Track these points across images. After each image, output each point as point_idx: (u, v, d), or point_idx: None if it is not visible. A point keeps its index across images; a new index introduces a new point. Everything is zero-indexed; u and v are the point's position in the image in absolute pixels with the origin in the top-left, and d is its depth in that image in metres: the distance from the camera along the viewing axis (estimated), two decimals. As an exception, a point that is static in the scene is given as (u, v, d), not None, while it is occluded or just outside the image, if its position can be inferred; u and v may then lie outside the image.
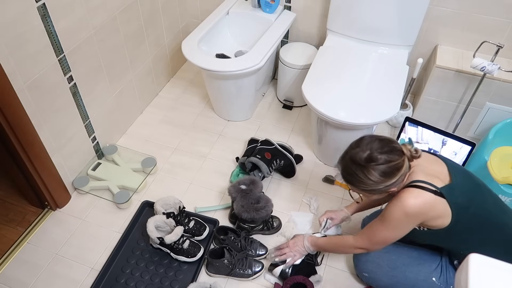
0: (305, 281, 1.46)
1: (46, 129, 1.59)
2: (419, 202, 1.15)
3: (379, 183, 1.14)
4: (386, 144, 1.15)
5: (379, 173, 1.13)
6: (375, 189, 1.16)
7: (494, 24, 1.87)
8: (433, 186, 1.16)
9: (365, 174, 1.14)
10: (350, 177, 1.19)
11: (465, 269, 0.82)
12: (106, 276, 1.56)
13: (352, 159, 1.17)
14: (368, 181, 1.15)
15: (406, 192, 1.17)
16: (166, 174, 1.95)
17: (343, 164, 1.21)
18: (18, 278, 1.56)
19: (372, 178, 1.14)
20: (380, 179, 1.14)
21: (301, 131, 2.18)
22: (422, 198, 1.15)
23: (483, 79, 1.80)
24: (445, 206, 1.16)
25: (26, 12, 1.35)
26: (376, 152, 1.14)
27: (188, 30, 2.31)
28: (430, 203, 1.15)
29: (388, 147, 1.15)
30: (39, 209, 1.78)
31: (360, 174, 1.15)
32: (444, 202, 1.15)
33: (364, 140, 1.18)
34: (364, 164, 1.14)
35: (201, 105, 2.32)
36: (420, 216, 1.17)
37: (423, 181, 1.16)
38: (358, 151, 1.16)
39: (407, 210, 1.16)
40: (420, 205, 1.15)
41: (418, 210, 1.15)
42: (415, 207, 1.15)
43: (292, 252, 1.54)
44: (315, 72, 1.84)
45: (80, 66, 1.67)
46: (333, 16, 2.00)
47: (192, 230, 1.66)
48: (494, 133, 1.84)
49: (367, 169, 1.14)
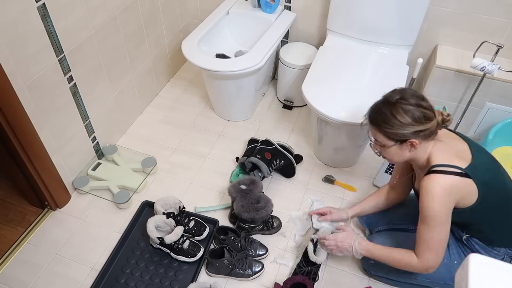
0: (305, 281, 1.46)
1: (46, 129, 1.59)
2: (444, 186, 1.14)
3: (405, 125, 1.14)
4: (420, 94, 1.17)
5: (407, 114, 1.13)
6: (399, 132, 1.15)
7: (494, 24, 1.87)
8: (456, 167, 1.15)
9: (392, 113, 1.15)
10: (377, 116, 1.19)
11: (465, 269, 0.82)
12: (106, 276, 1.56)
13: (383, 100, 1.19)
14: (394, 121, 1.15)
15: (428, 180, 1.16)
16: (166, 174, 1.95)
17: (374, 105, 1.22)
18: (18, 278, 1.56)
19: (399, 118, 1.14)
20: (407, 121, 1.14)
21: (301, 131, 2.18)
22: (446, 182, 1.14)
23: (483, 79, 1.80)
24: (471, 185, 1.16)
25: (26, 12, 1.35)
26: (409, 94, 1.16)
27: (188, 30, 2.31)
28: (456, 185, 1.15)
29: (421, 95, 1.17)
30: (39, 209, 1.78)
31: (388, 112, 1.16)
32: (470, 181, 1.15)
33: (398, 88, 1.20)
34: (394, 103, 1.15)
35: (201, 105, 2.32)
36: (453, 197, 1.16)
37: (444, 164, 1.16)
38: (391, 94, 1.18)
39: (439, 198, 1.14)
40: (446, 189, 1.14)
41: (448, 193, 1.15)
42: (444, 192, 1.14)
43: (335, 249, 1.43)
44: (315, 72, 1.84)
45: (80, 66, 1.67)
46: (333, 16, 2.00)
47: (192, 230, 1.66)
48: (494, 133, 1.84)
49: (396, 107, 1.14)
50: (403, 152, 1.21)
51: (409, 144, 1.18)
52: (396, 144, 1.19)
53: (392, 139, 1.19)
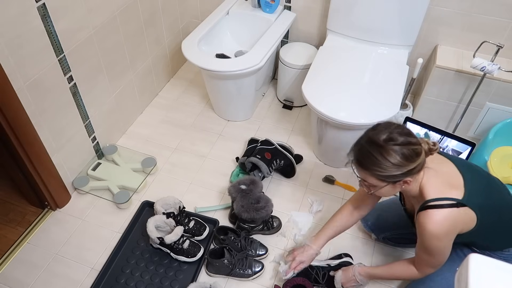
0: (305, 282, 1.46)
1: (46, 129, 1.59)
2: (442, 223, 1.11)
3: (397, 166, 1.07)
4: (405, 128, 1.12)
5: (399, 155, 1.06)
6: (391, 174, 1.09)
7: (494, 24, 1.87)
8: (451, 200, 1.12)
9: (383, 155, 1.07)
10: (366, 159, 1.11)
11: (465, 269, 0.82)
12: (106, 276, 1.56)
13: (370, 140, 1.10)
14: (386, 164, 1.07)
15: (426, 217, 1.13)
16: (166, 174, 1.95)
17: (359, 146, 1.13)
18: (18, 278, 1.56)
19: (391, 160, 1.06)
20: (399, 162, 1.07)
21: (301, 131, 2.18)
22: (445, 218, 1.11)
23: (483, 79, 1.80)
24: (469, 213, 1.13)
25: (26, 12, 1.35)
26: (396, 133, 1.08)
27: (188, 30, 2.31)
28: (455, 219, 1.12)
29: (407, 130, 1.11)
30: (39, 209, 1.78)
31: (378, 155, 1.07)
32: (468, 209, 1.13)
33: (381, 125, 1.13)
34: (383, 144, 1.07)
35: (201, 105, 2.32)
36: (453, 231, 1.14)
37: (439, 198, 1.12)
38: (376, 133, 1.10)
39: (436, 234, 1.12)
40: (445, 225, 1.12)
41: (445, 230, 1.12)
42: (442, 229, 1.12)
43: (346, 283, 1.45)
44: (315, 72, 1.84)
45: (80, 66, 1.67)
46: (333, 16, 2.00)
47: (192, 230, 1.66)
48: (494, 133, 1.84)
49: (386, 149, 1.07)
50: (395, 189, 1.17)
51: (403, 182, 1.13)
52: (388, 184, 1.13)
53: (384, 181, 1.12)
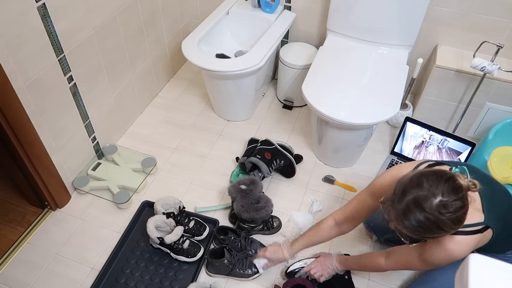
0: (305, 282, 1.46)
1: (46, 129, 1.59)
2: (468, 248, 1.08)
3: (449, 231, 1.00)
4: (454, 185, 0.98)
5: (453, 222, 0.98)
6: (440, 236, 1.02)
7: (494, 24, 1.87)
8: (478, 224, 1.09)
9: (435, 224, 0.97)
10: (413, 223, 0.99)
11: (465, 269, 0.82)
12: (106, 276, 1.56)
13: (418, 204, 0.97)
14: (437, 229, 0.99)
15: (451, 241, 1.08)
16: (166, 174, 1.95)
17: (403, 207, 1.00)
18: (18, 278, 1.56)
19: (445, 228, 0.98)
20: (452, 228, 0.99)
21: (301, 131, 2.18)
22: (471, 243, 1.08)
23: (483, 79, 1.80)
24: (490, 233, 1.11)
25: (26, 12, 1.35)
26: (447, 196, 0.96)
27: (188, 30, 2.31)
28: (478, 243, 1.10)
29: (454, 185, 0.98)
30: (39, 209, 1.78)
31: (430, 223, 0.97)
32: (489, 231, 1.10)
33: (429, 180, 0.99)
34: (436, 214, 0.96)
35: (201, 105, 2.32)
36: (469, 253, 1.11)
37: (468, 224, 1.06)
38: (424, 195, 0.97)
39: (456, 258, 1.09)
40: (469, 250, 1.09)
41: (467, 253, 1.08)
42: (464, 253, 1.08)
43: (320, 272, 1.48)
44: (315, 72, 1.84)
45: (80, 66, 1.67)
46: (333, 16, 2.00)
47: (192, 230, 1.66)
48: (494, 133, 1.84)
49: (442, 220, 0.96)
50: None
51: None
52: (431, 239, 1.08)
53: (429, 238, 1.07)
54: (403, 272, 1.61)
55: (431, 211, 0.96)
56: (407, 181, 1.03)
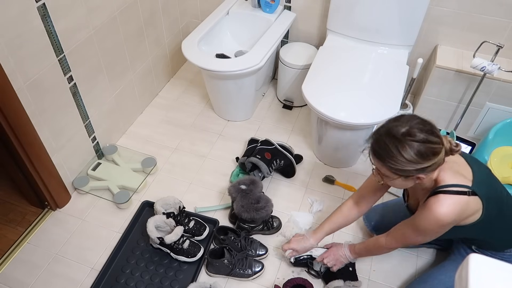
0: (305, 282, 1.46)
1: (46, 129, 1.59)
2: (453, 209, 1.10)
3: (411, 162, 1.05)
4: (428, 124, 1.08)
5: (414, 152, 1.04)
6: (404, 169, 1.07)
7: (494, 24, 1.87)
8: (463, 186, 1.12)
9: (398, 150, 1.05)
10: (381, 150, 1.09)
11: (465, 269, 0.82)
12: (106, 276, 1.56)
13: (388, 131, 1.08)
14: (399, 158, 1.05)
15: (436, 201, 1.12)
16: (166, 174, 1.95)
17: (376, 136, 1.11)
18: (18, 278, 1.56)
19: (405, 155, 1.04)
20: (414, 159, 1.05)
21: (301, 131, 2.18)
22: (455, 204, 1.11)
23: (483, 79, 1.80)
24: (477, 203, 1.13)
25: (26, 12, 1.35)
26: (416, 128, 1.05)
27: (188, 30, 2.31)
28: (464, 207, 1.12)
29: (430, 126, 1.07)
30: (39, 209, 1.78)
31: (393, 148, 1.06)
32: (476, 199, 1.12)
33: (404, 117, 1.10)
34: (400, 138, 1.05)
35: (201, 105, 2.32)
36: (455, 221, 1.14)
37: (452, 184, 1.12)
38: (397, 125, 1.08)
39: (442, 220, 1.11)
40: (454, 213, 1.11)
41: (453, 218, 1.11)
42: (450, 216, 1.11)
43: (334, 261, 1.49)
44: (315, 72, 1.84)
45: (80, 66, 1.67)
46: (333, 16, 2.00)
47: (192, 230, 1.66)
48: (494, 133, 1.84)
49: (402, 143, 1.05)
50: (408, 183, 1.15)
51: (416, 178, 1.11)
52: (400, 177, 1.12)
53: (396, 174, 1.10)
54: (403, 271, 1.61)
55: (397, 136, 1.05)
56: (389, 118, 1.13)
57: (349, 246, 1.49)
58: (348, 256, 1.48)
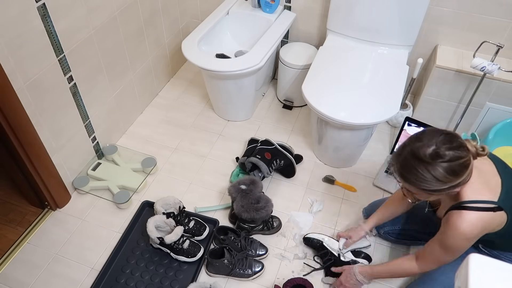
0: (305, 282, 1.46)
1: (46, 129, 1.59)
2: (476, 226, 1.08)
3: (445, 182, 1.03)
4: (453, 139, 1.04)
5: (447, 172, 1.01)
6: (439, 189, 1.05)
7: (494, 24, 1.87)
8: (489, 202, 1.09)
9: (430, 173, 1.02)
10: (411, 175, 1.05)
11: (465, 269, 0.82)
12: (106, 276, 1.56)
13: (414, 154, 1.04)
14: (432, 180, 1.03)
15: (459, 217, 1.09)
16: (166, 174, 1.95)
17: (402, 159, 1.07)
18: (18, 278, 1.56)
19: (439, 177, 1.02)
20: (447, 178, 1.02)
21: (301, 131, 2.18)
22: (478, 220, 1.08)
23: (483, 79, 1.80)
24: (503, 217, 1.11)
25: (26, 12, 1.35)
26: (443, 147, 1.02)
27: (188, 30, 2.32)
28: (488, 222, 1.09)
29: (456, 142, 1.04)
30: (39, 209, 1.78)
31: (425, 172, 1.03)
32: (502, 213, 1.10)
33: (427, 134, 1.06)
34: (429, 161, 1.02)
35: (201, 105, 2.32)
36: (481, 234, 1.12)
37: (477, 200, 1.08)
38: (421, 146, 1.03)
39: (467, 235, 1.09)
40: (478, 228, 1.08)
41: (477, 232, 1.09)
42: (474, 232, 1.09)
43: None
44: (315, 72, 1.84)
45: (80, 66, 1.67)
46: (333, 16, 2.00)
47: (192, 230, 1.66)
48: (494, 133, 1.84)
49: (433, 166, 1.02)
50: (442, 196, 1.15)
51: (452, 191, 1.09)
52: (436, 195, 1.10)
53: (431, 194, 1.08)
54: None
55: (425, 159, 1.03)
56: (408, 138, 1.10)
57: (361, 269, 1.42)
58: (361, 280, 1.41)
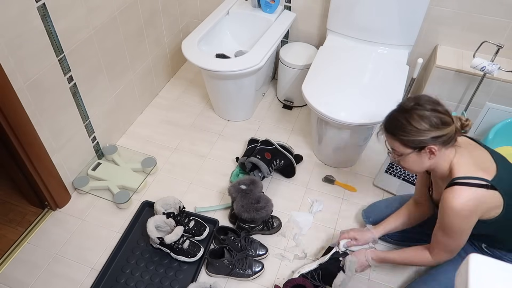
0: (305, 282, 1.46)
1: (46, 129, 1.59)
2: (468, 200, 1.10)
3: (421, 131, 1.11)
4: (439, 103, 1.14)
5: (423, 120, 1.10)
6: (415, 139, 1.12)
7: (494, 24, 1.87)
8: (481, 179, 1.11)
9: (407, 120, 1.12)
10: (391, 124, 1.17)
11: (465, 269, 0.82)
12: (106, 276, 1.56)
13: (398, 108, 1.17)
14: (409, 128, 1.12)
15: (451, 192, 1.12)
16: (166, 174, 1.95)
17: (388, 114, 1.20)
18: (18, 278, 1.56)
19: (414, 123, 1.11)
20: (423, 126, 1.10)
21: (301, 131, 2.18)
22: (471, 196, 1.10)
23: (483, 79, 1.80)
24: (497, 197, 1.12)
25: (26, 12, 1.35)
26: (424, 100, 1.13)
27: (188, 30, 2.31)
28: (482, 199, 1.11)
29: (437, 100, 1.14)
30: (39, 209, 1.78)
31: (403, 119, 1.13)
32: (496, 193, 1.11)
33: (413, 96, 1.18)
34: (409, 109, 1.13)
35: (201, 105, 2.32)
36: (475, 212, 1.13)
37: (468, 176, 1.12)
38: (405, 101, 1.16)
39: (460, 212, 1.11)
40: (472, 203, 1.10)
41: (472, 208, 1.11)
42: (467, 207, 1.10)
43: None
44: (315, 72, 1.84)
45: (80, 66, 1.67)
46: (333, 16, 2.00)
47: (192, 230, 1.66)
48: (494, 133, 1.84)
49: (411, 114, 1.12)
50: (423, 160, 1.16)
51: (428, 151, 1.13)
52: (414, 151, 1.15)
53: (409, 146, 1.15)
54: (403, 271, 1.61)
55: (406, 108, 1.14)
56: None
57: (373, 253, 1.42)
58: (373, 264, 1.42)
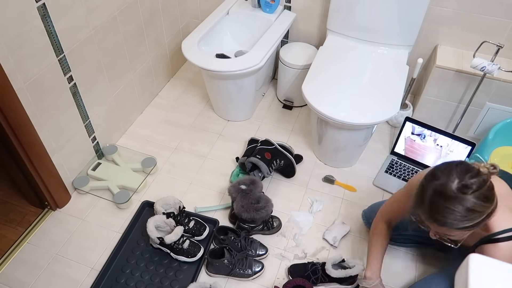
0: (305, 283, 1.46)
1: (46, 129, 1.59)
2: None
3: (482, 212, 0.96)
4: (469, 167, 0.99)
5: (481, 199, 0.95)
6: (479, 221, 0.97)
7: (494, 24, 1.87)
8: None
9: (464, 206, 0.95)
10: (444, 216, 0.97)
11: (465, 269, 0.82)
12: (106, 276, 1.56)
13: (440, 193, 0.97)
14: (473, 215, 0.95)
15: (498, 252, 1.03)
16: (166, 174, 1.95)
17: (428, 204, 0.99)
18: (18, 278, 1.56)
19: (475, 208, 0.95)
20: (483, 206, 0.95)
21: (301, 131, 2.18)
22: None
23: (483, 79, 1.80)
24: None
25: (26, 12, 1.35)
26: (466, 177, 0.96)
27: (188, 30, 2.32)
28: None
29: (473, 169, 0.98)
30: (39, 209, 1.78)
31: (458, 207, 0.95)
32: None
33: (441, 170, 1.00)
34: (460, 195, 0.95)
35: (201, 105, 2.32)
36: None
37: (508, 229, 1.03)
38: (443, 183, 0.97)
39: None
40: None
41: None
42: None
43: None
44: (315, 72, 1.84)
45: (80, 66, 1.67)
46: (333, 16, 2.00)
47: (192, 230, 1.66)
48: (494, 133, 1.84)
49: (465, 199, 0.94)
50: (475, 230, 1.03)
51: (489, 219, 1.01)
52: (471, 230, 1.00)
53: (471, 229, 0.99)
54: (403, 275, 1.60)
55: (455, 194, 0.95)
56: (422, 179, 1.03)
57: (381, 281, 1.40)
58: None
